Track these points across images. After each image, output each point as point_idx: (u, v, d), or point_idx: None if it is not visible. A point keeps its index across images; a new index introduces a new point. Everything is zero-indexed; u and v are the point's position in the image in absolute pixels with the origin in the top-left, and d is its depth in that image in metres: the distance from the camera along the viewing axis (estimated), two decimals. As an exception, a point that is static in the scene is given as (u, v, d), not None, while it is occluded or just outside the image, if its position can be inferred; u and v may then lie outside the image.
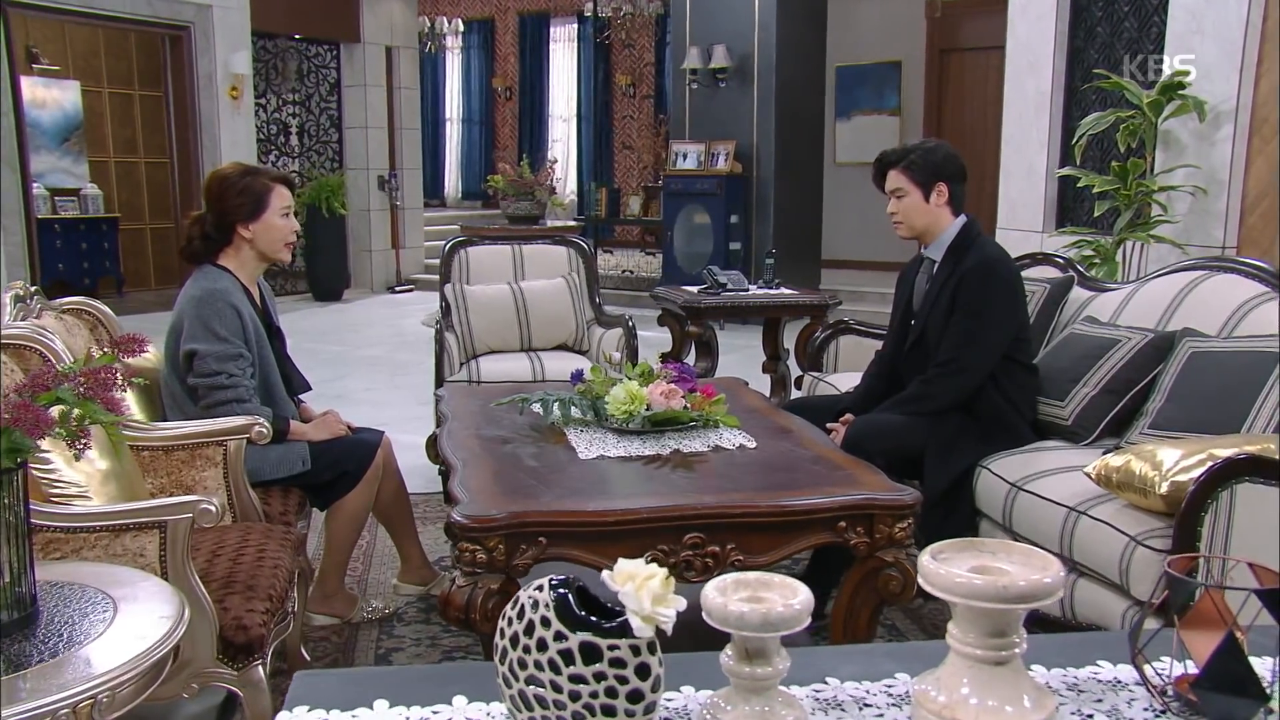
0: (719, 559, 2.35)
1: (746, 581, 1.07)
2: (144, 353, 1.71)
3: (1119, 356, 3.08)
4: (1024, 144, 5.83)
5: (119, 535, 1.96)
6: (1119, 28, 5.50)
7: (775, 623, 1.00)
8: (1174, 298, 3.24)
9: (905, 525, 2.40)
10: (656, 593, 0.96)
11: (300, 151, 11.13)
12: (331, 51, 11.22)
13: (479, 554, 2.24)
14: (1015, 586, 1.01)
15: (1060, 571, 1.05)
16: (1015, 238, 5.73)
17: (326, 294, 10.76)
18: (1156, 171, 4.84)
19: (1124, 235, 4.74)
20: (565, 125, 15.03)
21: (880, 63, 10.84)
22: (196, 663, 2.03)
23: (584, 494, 2.46)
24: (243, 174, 3.06)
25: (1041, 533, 2.68)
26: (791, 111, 9.11)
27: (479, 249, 4.80)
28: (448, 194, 16.11)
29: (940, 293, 3.19)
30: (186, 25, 9.49)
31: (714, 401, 2.97)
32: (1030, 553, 1.10)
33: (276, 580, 2.28)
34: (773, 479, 2.57)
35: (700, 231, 9.12)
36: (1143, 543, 2.35)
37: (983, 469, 3.00)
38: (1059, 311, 3.62)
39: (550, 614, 0.98)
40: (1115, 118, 4.80)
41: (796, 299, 4.86)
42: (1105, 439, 3.05)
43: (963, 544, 1.12)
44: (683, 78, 9.37)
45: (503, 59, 15.53)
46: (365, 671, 1.74)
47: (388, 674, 1.18)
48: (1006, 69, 6.01)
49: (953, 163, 3.26)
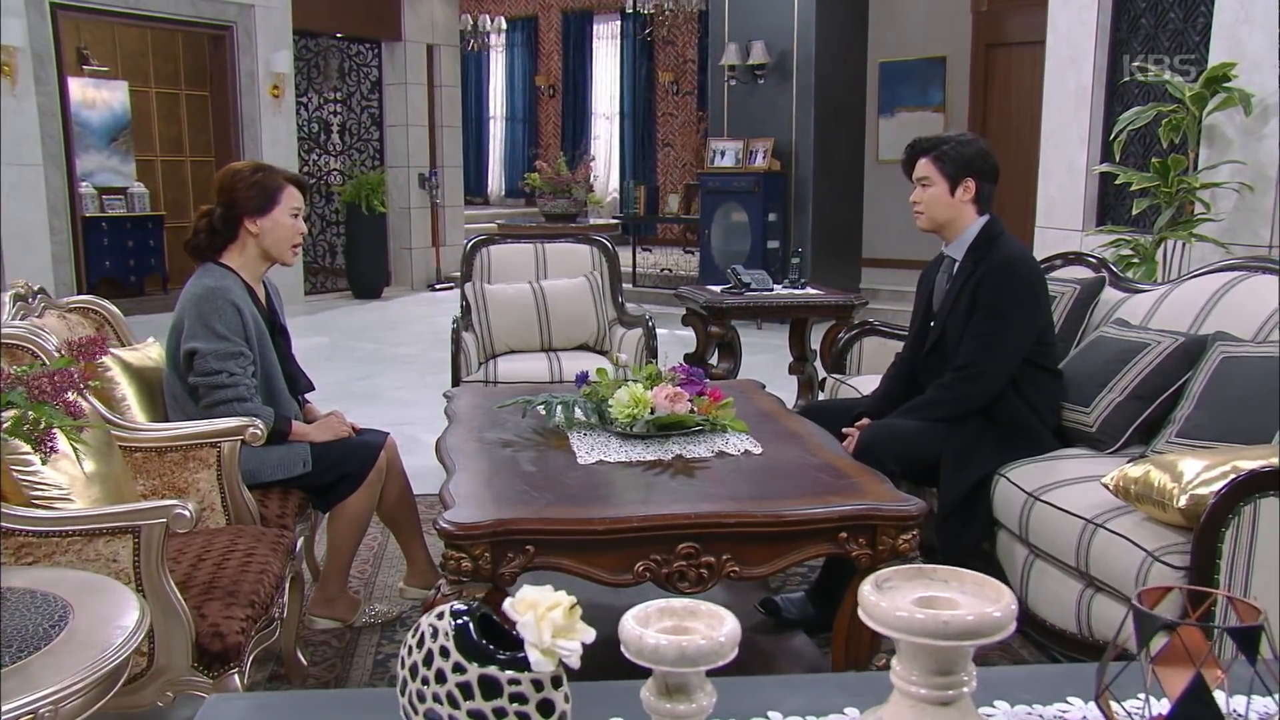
0: (714, 570, 2.28)
1: (673, 610, 0.99)
2: (103, 355, 1.67)
3: (1147, 361, 2.95)
4: (1064, 140, 5.66)
5: (92, 540, 1.93)
6: (1163, 18, 5.32)
7: (694, 657, 0.92)
8: (1208, 300, 3.10)
9: (910, 537, 2.30)
10: (559, 624, 0.89)
11: (341, 149, 11.19)
12: (373, 50, 11.26)
13: (464, 562, 2.19)
14: (958, 622, 0.93)
15: (1011, 605, 0.96)
16: (1054, 236, 5.57)
17: (366, 291, 10.80)
18: (1200, 168, 4.67)
19: (1164, 234, 4.57)
20: (608, 123, 14.99)
21: (924, 58, 10.66)
22: (171, 671, 1.99)
23: (577, 501, 2.39)
24: (255, 170, 3.03)
25: (1058, 545, 2.57)
26: (831, 108, 8.97)
27: (501, 248, 4.76)
28: (491, 192, 16.16)
29: (960, 293, 3.08)
30: (229, 25, 9.58)
31: (721, 405, 2.88)
32: (983, 582, 1.02)
33: (261, 586, 2.24)
34: (774, 487, 2.49)
35: (737, 230, 9.02)
36: (1160, 559, 2.23)
37: (1001, 477, 2.88)
38: (1089, 313, 3.49)
39: (449, 644, 0.92)
40: (1156, 112, 4.64)
41: (821, 299, 4.75)
42: (1132, 447, 2.92)
43: (912, 571, 1.04)
44: (721, 74, 9.27)
45: (546, 56, 15.52)
46: (279, 696, 1.70)
47: (301, 699, 1.12)
48: (1046, 63, 5.84)
49: (984, 160, 3.14)
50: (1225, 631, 0.94)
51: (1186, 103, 4.56)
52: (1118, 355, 3.04)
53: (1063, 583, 2.58)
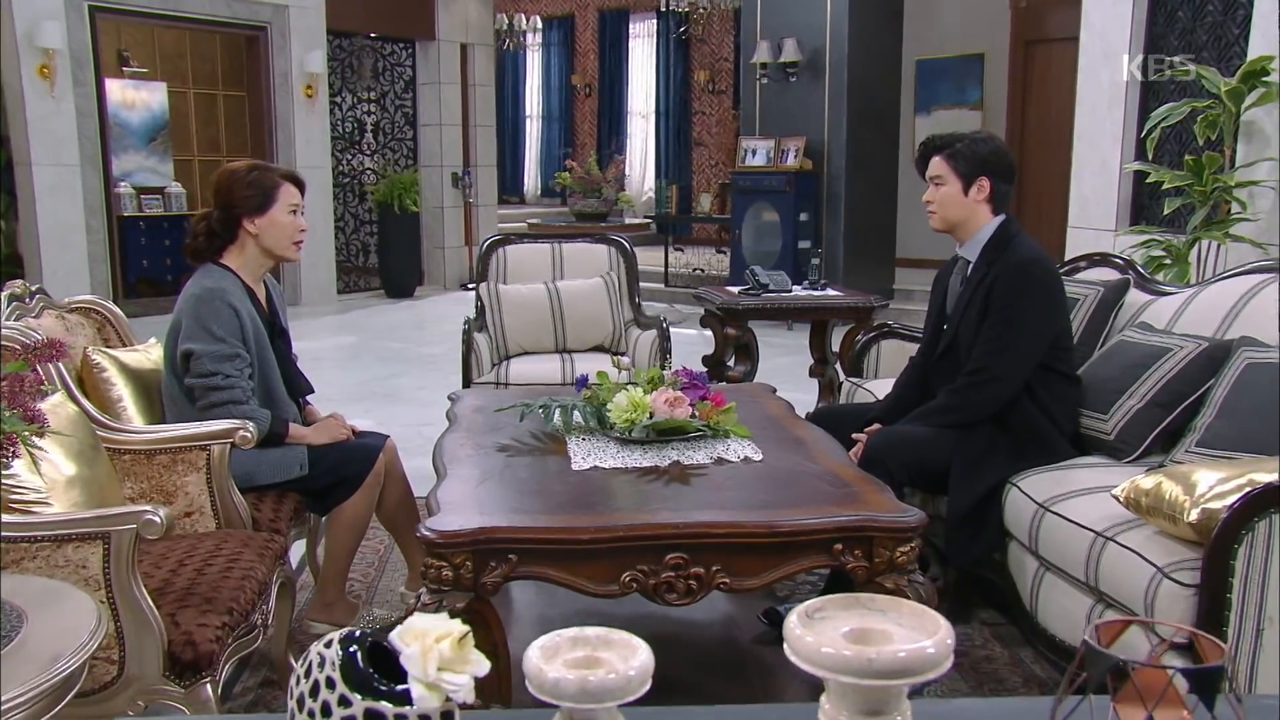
0: (704, 581, 2.21)
1: (587, 639, 0.93)
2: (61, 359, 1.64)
3: (1169, 367, 2.83)
4: (1097, 138, 5.51)
5: (60, 546, 1.89)
6: (1201, 11, 5.16)
7: (596, 692, 0.86)
8: (1235, 303, 2.98)
9: (908, 549, 2.22)
10: (446, 656, 0.83)
11: (376, 149, 11.23)
12: (407, 49, 11.29)
13: (445, 571, 2.14)
14: (886, 659, 0.86)
15: (948, 640, 0.89)
16: (1086, 237, 5.43)
17: (399, 291, 10.83)
18: (1237, 165, 4.51)
19: (1198, 234, 4.43)
20: (644, 122, 14.92)
21: (962, 55, 10.47)
22: (142, 680, 1.96)
23: (565, 508, 2.34)
24: (251, 169, 3.01)
25: (1068, 559, 2.47)
26: (865, 106, 8.83)
27: (518, 248, 4.71)
28: (527, 191, 16.16)
29: (973, 295, 2.98)
30: (263, 25, 9.64)
31: (723, 410, 2.81)
32: (922, 614, 0.94)
33: (242, 592, 2.20)
34: (769, 495, 2.41)
35: (768, 229, 8.91)
36: (1170, 575, 2.13)
37: (1012, 486, 2.78)
38: (1113, 317, 3.36)
39: (335, 674, 0.86)
40: (1190, 108, 4.49)
41: (839, 301, 4.65)
42: (1152, 456, 2.81)
43: (848, 601, 0.96)
44: (753, 72, 9.17)
45: (582, 55, 15.49)
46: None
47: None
48: (1080, 59, 5.69)
49: (1000, 159, 3.04)
50: (1181, 673, 0.86)
51: (1223, 98, 4.41)
52: (1139, 360, 2.93)
53: (1073, 597, 2.48)
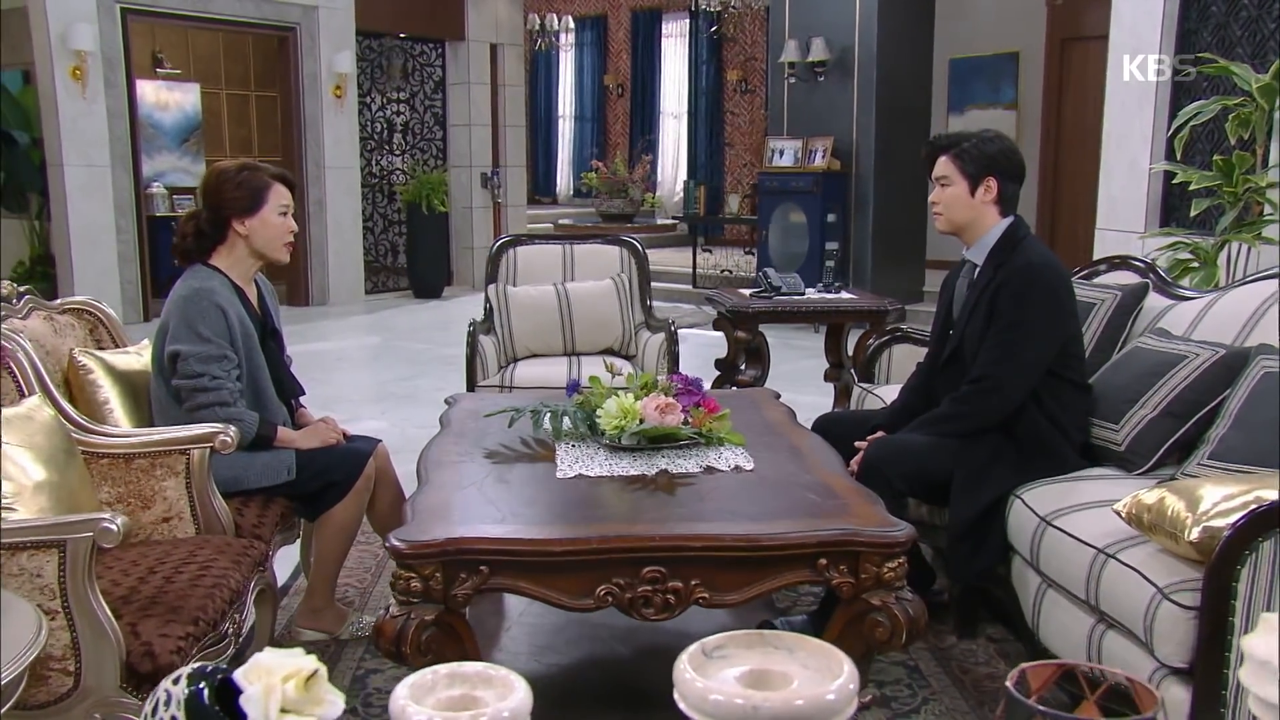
0: (682, 596, 2.13)
1: (465, 676, 0.86)
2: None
3: (1183, 375, 2.71)
4: (1126, 138, 5.36)
5: (15, 554, 1.86)
6: (1236, 6, 5.00)
7: (460, 738, 0.79)
8: (1256, 309, 2.85)
9: (895, 565, 2.13)
10: (290, 698, 0.76)
11: (405, 149, 11.25)
12: (436, 50, 11.29)
13: (414, 582, 2.08)
14: (774, 707, 0.78)
15: (851, 685, 0.81)
16: (1113, 239, 5.29)
17: (426, 291, 10.83)
18: (1270, 165, 4.35)
19: (1228, 237, 4.27)
20: (676, 122, 14.84)
21: (996, 54, 10.29)
22: (100, 692, 1.92)
23: (541, 519, 2.27)
24: (241, 169, 2.98)
25: (1069, 575, 2.37)
26: (894, 106, 8.70)
27: (528, 249, 4.65)
28: (559, 191, 16.13)
29: (979, 300, 2.88)
30: (293, 26, 9.68)
31: (717, 417, 2.74)
32: (829, 655, 0.86)
33: (211, 601, 2.16)
34: (755, 506, 2.33)
35: (796, 230, 8.80)
36: (1170, 596, 2.02)
37: (1016, 498, 2.68)
38: (1131, 322, 3.23)
39: (180, 714, 0.80)
40: (1221, 106, 4.34)
41: (851, 304, 4.54)
42: (1165, 468, 2.69)
43: (752, 639, 0.89)
44: (780, 72, 9.07)
45: (615, 55, 15.43)
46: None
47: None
48: (1109, 57, 5.55)
49: (1008, 158, 2.94)
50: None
51: (1255, 95, 4.25)
52: (1153, 368, 2.81)
53: (1074, 616, 2.38)
